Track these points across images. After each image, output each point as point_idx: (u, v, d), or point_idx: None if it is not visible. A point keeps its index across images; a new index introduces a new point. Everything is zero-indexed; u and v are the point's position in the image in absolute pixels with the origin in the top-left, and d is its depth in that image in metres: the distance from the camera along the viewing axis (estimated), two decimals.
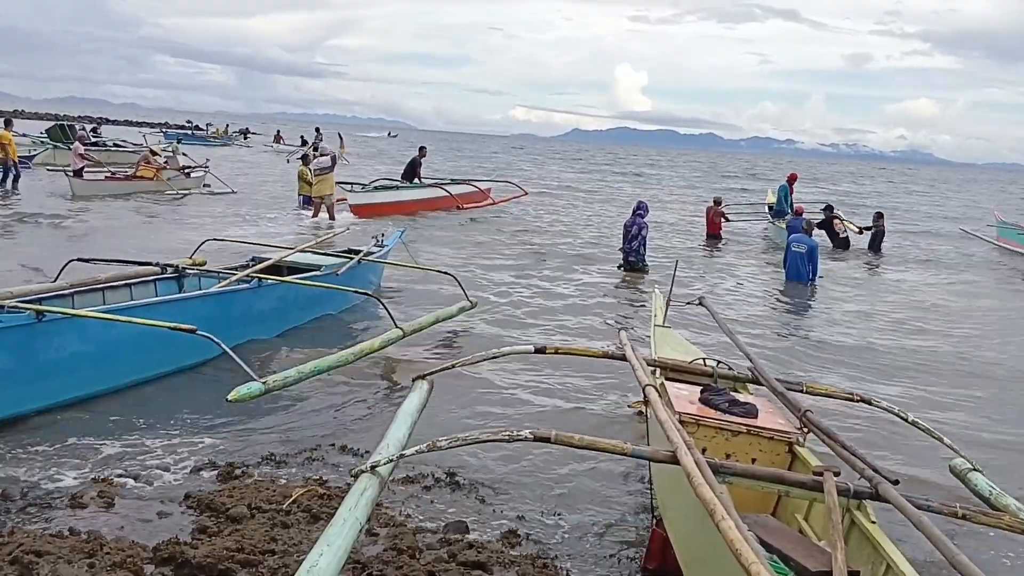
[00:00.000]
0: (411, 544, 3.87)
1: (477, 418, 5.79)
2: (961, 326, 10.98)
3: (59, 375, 5.31)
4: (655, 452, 3.26)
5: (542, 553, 3.99)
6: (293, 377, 5.26)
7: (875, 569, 3.01)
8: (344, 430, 5.46)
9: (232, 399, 4.70)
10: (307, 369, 5.41)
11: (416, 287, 10.11)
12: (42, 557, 3.40)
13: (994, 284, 15.51)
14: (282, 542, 3.75)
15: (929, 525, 2.70)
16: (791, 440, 3.92)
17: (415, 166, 20.26)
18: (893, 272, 15.87)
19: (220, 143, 50.18)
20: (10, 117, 20.23)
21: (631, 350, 4.68)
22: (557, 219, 20.55)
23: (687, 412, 3.97)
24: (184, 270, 7.32)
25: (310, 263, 8.38)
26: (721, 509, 2.52)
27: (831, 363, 8.40)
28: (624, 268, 12.92)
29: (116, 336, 5.56)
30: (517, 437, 3.14)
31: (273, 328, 7.41)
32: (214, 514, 4.04)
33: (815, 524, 3.61)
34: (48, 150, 26.46)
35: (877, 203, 34.02)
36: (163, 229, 14.31)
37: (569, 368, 7.13)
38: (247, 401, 4.82)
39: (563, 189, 32.18)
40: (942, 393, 7.62)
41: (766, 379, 4.47)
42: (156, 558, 3.55)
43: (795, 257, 12.97)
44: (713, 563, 2.89)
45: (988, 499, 3.82)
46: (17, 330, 5.08)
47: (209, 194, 20.65)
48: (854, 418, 6.20)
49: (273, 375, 5.16)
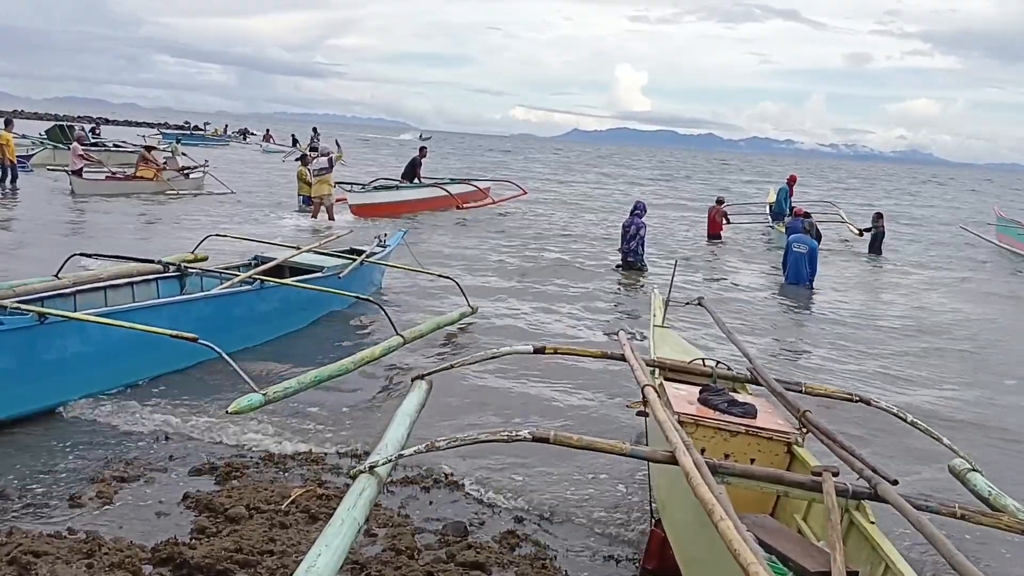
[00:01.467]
0: (410, 544, 3.87)
1: (476, 418, 5.78)
2: (961, 327, 10.98)
3: (60, 376, 5.31)
4: (653, 452, 3.26)
5: (541, 554, 3.99)
6: (294, 388, 5.26)
7: (874, 569, 3.01)
8: (342, 430, 5.45)
9: (232, 411, 4.70)
10: (307, 379, 5.41)
11: (417, 288, 10.11)
12: (40, 557, 3.40)
13: (994, 285, 15.50)
14: (280, 542, 3.75)
15: (928, 525, 2.70)
16: (790, 440, 3.92)
17: (415, 166, 20.27)
18: (893, 273, 15.87)
19: (219, 143, 50.16)
20: (10, 117, 20.21)
21: (630, 350, 4.67)
22: (555, 219, 20.54)
23: (686, 412, 3.96)
24: (186, 269, 7.32)
25: (312, 263, 8.37)
26: (720, 509, 2.51)
27: (830, 363, 8.39)
28: (623, 268, 12.91)
29: (117, 338, 5.55)
30: (516, 437, 3.14)
31: (275, 330, 7.41)
32: (212, 514, 4.04)
33: (814, 524, 3.60)
34: (47, 150, 26.45)
35: (878, 203, 34.03)
36: (162, 229, 14.32)
37: (568, 368, 7.13)
38: (247, 413, 4.83)
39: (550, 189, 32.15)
40: (941, 393, 7.62)
41: (765, 379, 4.46)
42: (154, 558, 3.55)
43: (796, 258, 12.81)
44: (712, 563, 2.88)
45: (987, 499, 3.82)
46: (19, 332, 5.08)
47: (208, 194, 20.66)
48: (853, 418, 6.20)
49: (273, 386, 5.17)
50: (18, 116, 63.49)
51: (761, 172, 64.01)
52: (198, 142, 46.67)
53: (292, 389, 5.25)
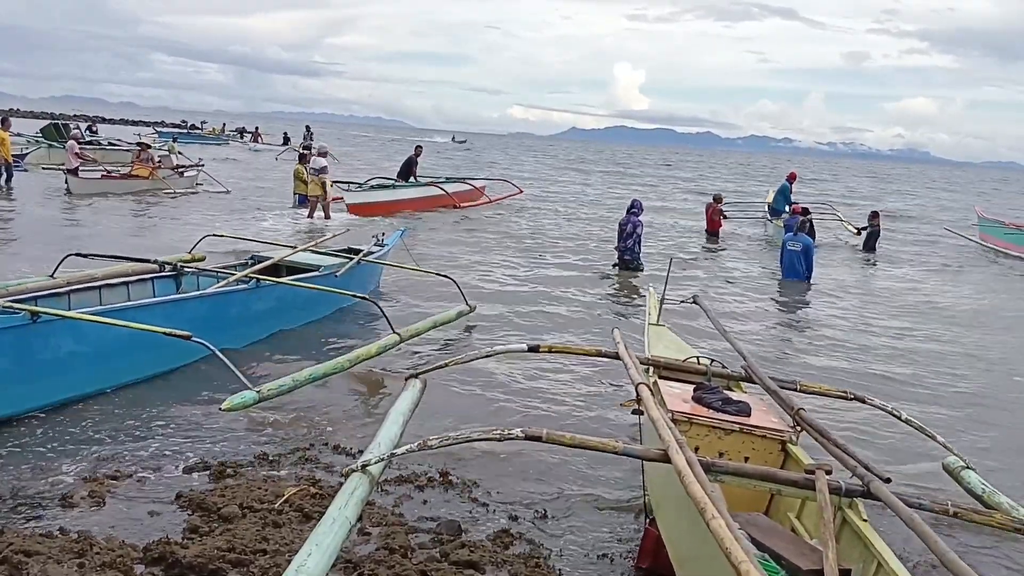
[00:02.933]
0: (403, 543, 3.86)
1: (470, 417, 5.77)
2: (955, 324, 10.99)
3: (54, 376, 5.29)
4: (646, 451, 3.25)
5: (535, 552, 3.98)
6: (288, 385, 5.24)
7: (866, 567, 3.01)
8: (337, 429, 5.44)
9: (225, 408, 4.69)
10: (302, 377, 5.39)
11: (415, 288, 10.07)
12: (31, 557, 3.39)
13: (988, 282, 15.52)
14: (274, 542, 3.74)
15: (920, 523, 2.69)
16: (784, 439, 3.91)
17: (411, 165, 20.24)
18: (888, 271, 15.88)
19: (216, 142, 49.98)
20: (7, 116, 20.13)
21: (624, 348, 4.66)
22: (551, 217, 20.52)
23: (680, 410, 3.96)
24: (182, 268, 7.28)
25: (309, 263, 8.32)
26: (712, 507, 2.51)
27: (825, 362, 8.40)
28: (619, 267, 12.90)
29: (111, 337, 5.53)
30: (508, 436, 3.13)
31: (270, 329, 7.37)
32: (205, 514, 4.03)
33: (807, 522, 3.60)
34: (42, 149, 26.36)
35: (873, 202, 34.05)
36: (158, 227, 14.29)
37: (562, 366, 7.13)
38: (240, 410, 4.82)
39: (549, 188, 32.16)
40: (938, 392, 7.63)
41: (759, 377, 4.46)
42: (146, 558, 3.54)
43: (791, 255, 13.03)
44: (705, 562, 2.88)
45: (981, 497, 3.83)
46: (12, 331, 5.06)
47: (204, 192, 20.63)
48: (848, 416, 6.20)
49: (267, 383, 5.14)
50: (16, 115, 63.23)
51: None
52: (196, 141, 46.54)
53: (286, 386, 5.23)
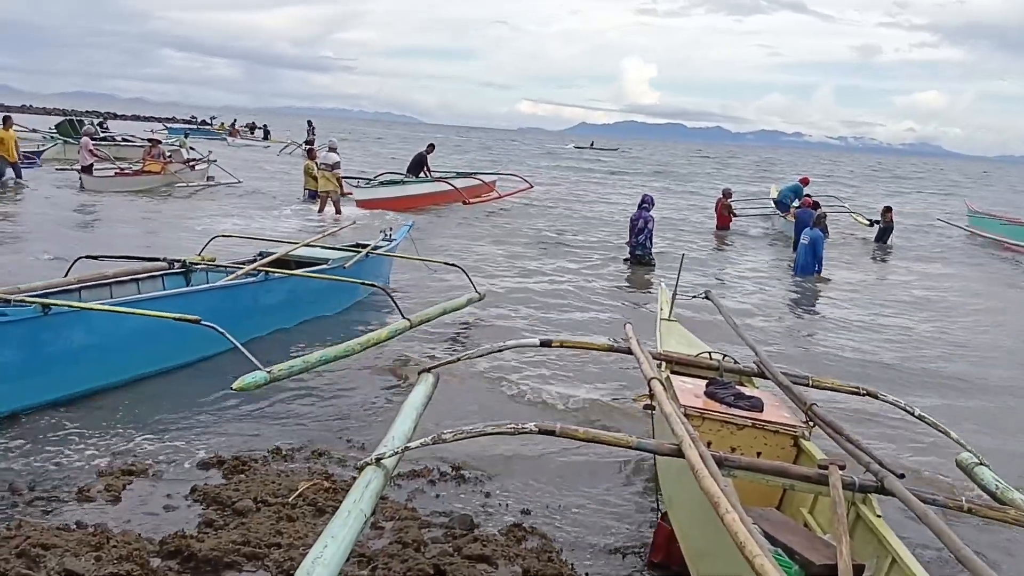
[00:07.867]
0: (416, 537, 3.87)
1: (482, 411, 5.78)
2: (967, 319, 10.94)
3: (66, 368, 5.32)
4: (659, 445, 3.25)
5: (547, 547, 3.99)
6: (299, 367, 5.23)
7: (880, 563, 3.00)
8: (350, 424, 5.47)
9: (237, 388, 4.69)
10: (313, 359, 5.37)
11: (424, 280, 10.10)
12: (49, 550, 3.42)
13: (1003, 277, 15.43)
14: (288, 535, 3.76)
15: (934, 519, 2.69)
16: (796, 434, 3.91)
17: (422, 161, 20.25)
18: (901, 266, 15.80)
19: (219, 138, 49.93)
20: (8, 115, 20.11)
21: (637, 343, 4.66)
22: (562, 212, 20.50)
23: (692, 405, 3.96)
24: (191, 265, 7.33)
25: (317, 257, 8.37)
26: (725, 502, 2.51)
27: (837, 356, 8.37)
28: (630, 262, 12.90)
29: (122, 329, 5.57)
30: (522, 430, 3.14)
31: (280, 322, 7.39)
32: (220, 507, 4.06)
33: (820, 518, 3.60)
34: (57, 145, 26.46)
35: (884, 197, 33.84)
36: (170, 223, 14.33)
37: (575, 361, 7.13)
38: (252, 390, 4.81)
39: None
40: (949, 386, 7.59)
41: (772, 373, 4.45)
42: (162, 551, 3.57)
43: (801, 249, 13.19)
44: (718, 556, 2.89)
45: (995, 493, 3.80)
46: (23, 323, 5.09)
47: (215, 185, 20.73)
48: (860, 412, 6.18)
49: (278, 365, 5.15)
50: (26, 111, 63.46)
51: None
52: (208, 136, 46.55)
53: (297, 368, 5.21)
